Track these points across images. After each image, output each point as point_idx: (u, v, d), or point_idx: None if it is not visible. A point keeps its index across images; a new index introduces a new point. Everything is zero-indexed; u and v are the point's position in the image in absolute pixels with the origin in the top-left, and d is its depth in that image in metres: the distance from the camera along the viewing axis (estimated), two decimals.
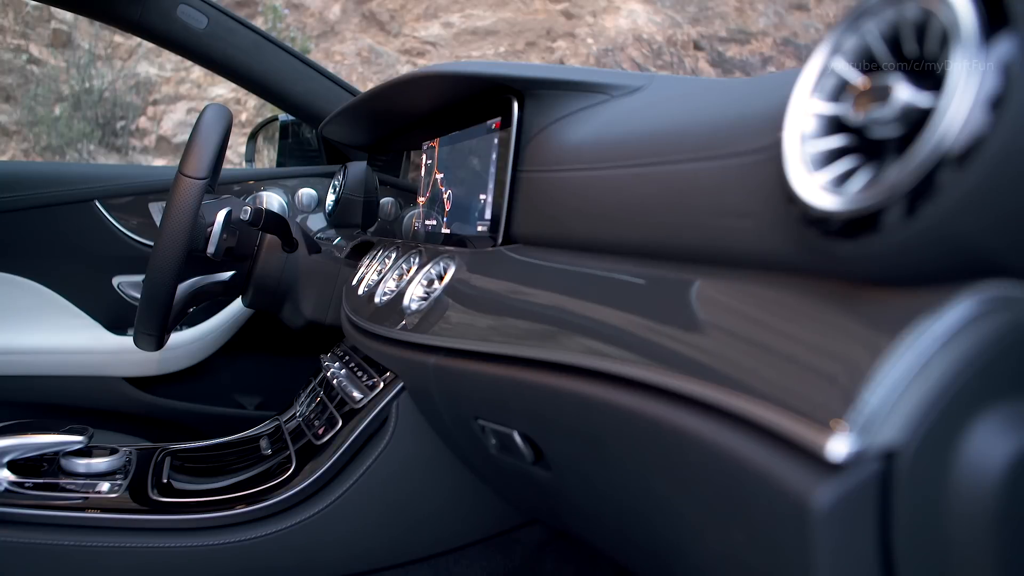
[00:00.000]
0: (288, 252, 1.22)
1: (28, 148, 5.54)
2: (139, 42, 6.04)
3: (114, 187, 1.67)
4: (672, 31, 7.60)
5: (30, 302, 1.66)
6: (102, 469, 0.86)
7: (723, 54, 7.63)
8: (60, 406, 1.65)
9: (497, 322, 0.63)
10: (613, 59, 7.39)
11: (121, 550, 0.79)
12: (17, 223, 1.63)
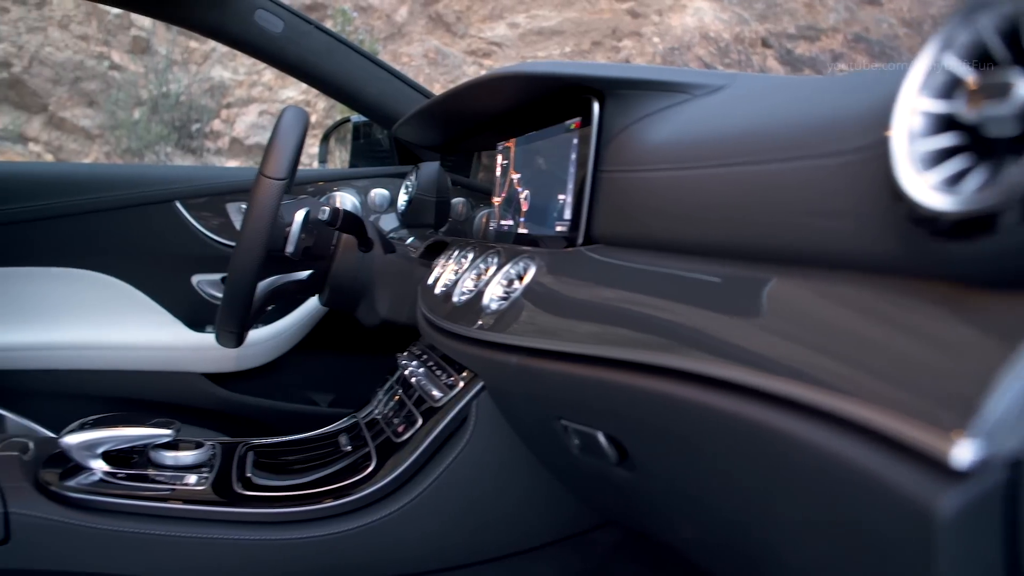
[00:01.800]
0: (364, 252, 1.23)
1: (109, 151, 5.73)
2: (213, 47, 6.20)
3: (194, 188, 1.71)
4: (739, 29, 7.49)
5: (115, 299, 1.71)
6: (189, 462, 0.89)
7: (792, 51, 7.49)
8: (141, 400, 1.71)
9: (581, 322, 0.63)
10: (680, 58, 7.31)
11: (206, 541, 0.81)
12: (103, 223, 1.69)
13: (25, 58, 5.74)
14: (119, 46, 6.01)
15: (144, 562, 0.81)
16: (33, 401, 1.70)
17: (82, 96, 5.84)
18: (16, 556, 0.78)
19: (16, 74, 5.70)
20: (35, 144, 5.66)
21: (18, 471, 0.83)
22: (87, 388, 1.70)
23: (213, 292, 1.73)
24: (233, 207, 1.73)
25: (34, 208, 1.66)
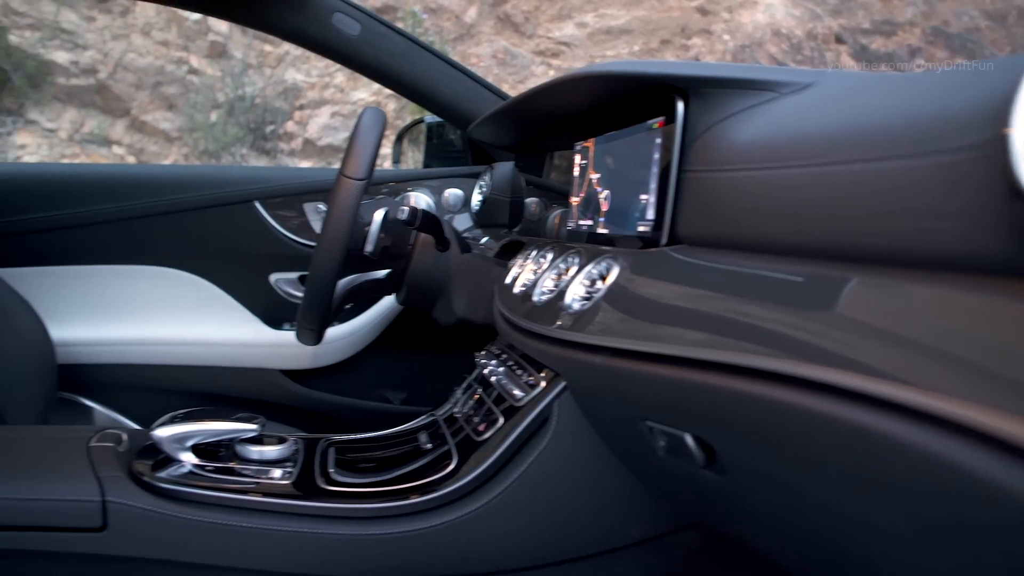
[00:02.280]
0: (441, 251, 1.24)
1: (188, 153, 5.89)
2: (287, 50, 6.32)
3: (272, 188, 1.75)
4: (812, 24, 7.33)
5: (196, 297, 1.76)
6: (273, 456, 0.91)
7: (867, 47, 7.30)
8: (221, 395, 1.75)
9: (668, 323, 0.63)
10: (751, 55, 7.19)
11: (291, 535, 0.82)
12: (186, 222, 1.74)
13: (110, 64, 5.94)
14: (197, 51, 6.17)
15: (231, 553, 0.83)
16: (118, 394, 1.76)
17: (162, 100, 6.02)
18: (112, 543, 0.81)
19: (102, 80, 5.90)
20: (118, 147, 5.85)
21: (114, 461, 0.86)
22: (169, 383, 1.75)
23: (290, 290, 1.77)
24: (310, 207, 1.76)
25: (122, 208, 1.72)
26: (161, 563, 0.82)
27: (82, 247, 1.73)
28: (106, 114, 5.95)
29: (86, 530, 0.80)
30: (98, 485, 0.82)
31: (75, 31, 6.01)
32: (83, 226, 1.72)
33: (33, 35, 5.92)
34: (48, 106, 5.89)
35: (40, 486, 0.81)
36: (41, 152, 5.65)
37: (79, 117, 5.91)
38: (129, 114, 5.95)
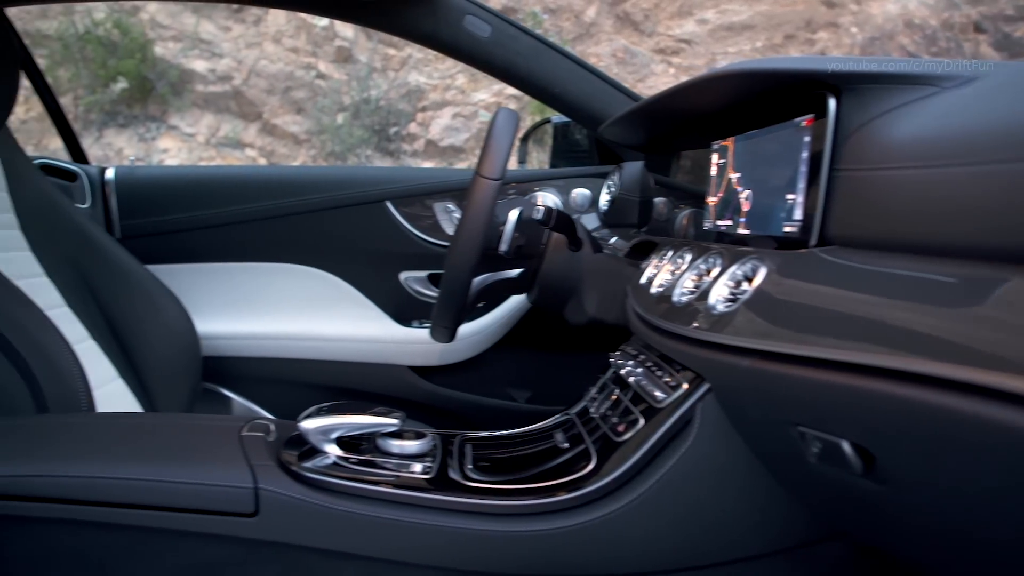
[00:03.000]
0: (574, 251, 1.24)
1: (315, 154, 6.11)
2: (410, 53, 6.46)
3: (403, 188, 1.79)
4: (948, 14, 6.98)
5: (329, 294, 1.82)
6: (413, 451, 0.93)
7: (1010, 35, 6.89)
8: (351, 390, 1.80)
9: (822, 325, 0.61)
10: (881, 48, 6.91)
11: (432, 528, 0.84)
12: (321, 221, 1.80)
13: (244, 71, 6.22)
14: (324, 56, 6.39)
15: (374, 543, 0.85)
16: (256, 385, 1.84)
17: (291, 104, 6.25)
18: (263, 528, 0.84)
19: (236, 86, 6.19)
20: (251, 149, 6.12)
21: (264, 451, 0.90)
22: (303, 376, 1.81)
23: (419, 288, 1.81)
24: (439, 206, 1.79)
25: (263, 208, 1.79)
26: (307, 550, 0.85)
27: (226, 245, 1.82)
28: (240, 118, 6.24)
29: (239, 515, 0.84)
30: (251, 473, 0.85)
31: (213, 41, 6.32)
32: (227, 225, 1.80)
33: (176, 46, 6.26)
34: (188, 112, 6.21)
35: (197, 471, 0.85)
36: (181, 155, 5.97)
37: (215, 122, 6.21)
38: (261, 118, 6.21)
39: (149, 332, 1.54)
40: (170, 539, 0.85)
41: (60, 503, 0.84)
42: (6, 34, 1.42)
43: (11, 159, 1.51)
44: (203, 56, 6.26)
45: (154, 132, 6.10)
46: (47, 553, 0.85)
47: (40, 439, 0.95)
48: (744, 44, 7.03)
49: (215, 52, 6.29)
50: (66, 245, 1.52)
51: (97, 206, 1.83)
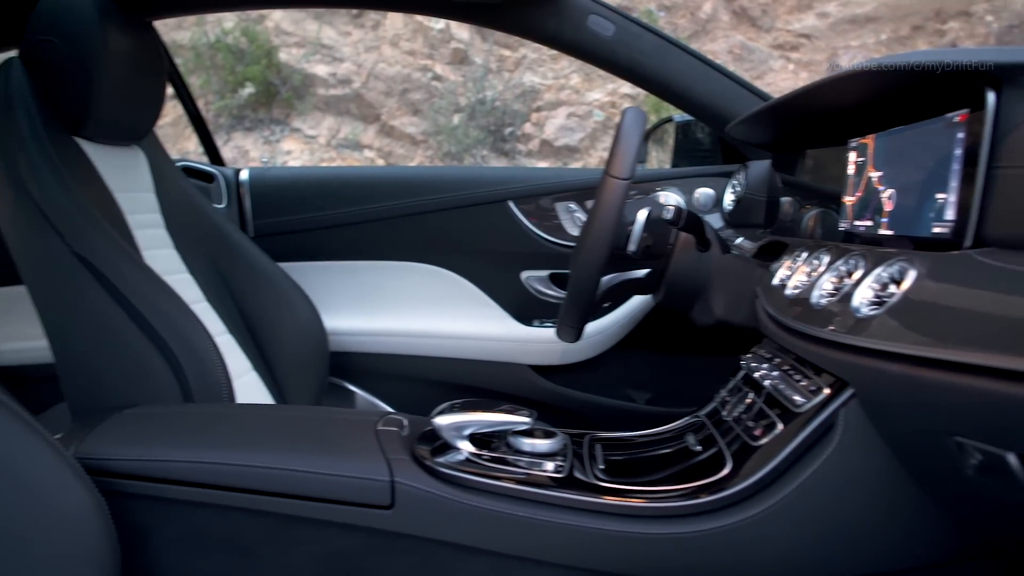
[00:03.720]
0: (702, 251, 1.22)
1: (432, 155, 6.22)
2: (524, 54, 6.50)
3: (525, 188, 1.80)
4: None
5: (452, 292, 1.85)
6: (544, 450, 0.93)
7: None
8: (471, 387, 1.83)
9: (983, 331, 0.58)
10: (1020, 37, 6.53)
11: (564, 527, 0.84)
12: (443, 221, 1.83)
13: (363, 75, 6.39)
14: (440, 58, 6.49)
15: (506, 540, 0.85)
16: (377, 381, 1.88)
17: (408, 106, 6.38)
18: (398, 520, 0.86)
19: (356, 89, 6.36)
20: (369, 150, 6.28)
21: (399, 445, 0.92)
22: (423, 373, 1.85)
23: (541, 288, 1.82)
24: (562, 206, 1.79)
25: (388, 208, 1.84)
26: (440, 543, 0.87)
27: (352, 243, 1.87)
28: (359, 120, 6.40)
29: (376, 507, 0.87)
30: (387, 466, 0.87)
31: (333, 46, 6.51)
32: (354, 224, 1.86)
33: (299, 52, 6.48)
34: (310, 115, 6.42)
35: (337, 463, 0.88)
36: (303, 156, 6.18)
37: (336, 124, 6.40)
38: (379, 120, 6.36)
39: (280, 327, 1.60)
40: (312, 527, 0.88)
41: (211, 489, 0.89)
42: (156, 45, 1.50)
43: (158, 162, 1.59)
44: (324, 61, 6.46)
45: (278, 134, 6.34)
46: (199, 535, 0.90)
47: (192, 427, 1.00)
48: (868, 37, 6.77)
49: (336, 56, 6.48)
50: (205, 243, 1.60)
51: (232, 206, 1.91)
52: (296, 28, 6.55)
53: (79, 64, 1.31)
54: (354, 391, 1.89)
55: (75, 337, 1.26)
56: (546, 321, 1.81)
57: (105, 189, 1.39)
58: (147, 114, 1.52)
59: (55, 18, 1.33)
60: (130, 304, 1.21)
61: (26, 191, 1.24)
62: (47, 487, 0.78)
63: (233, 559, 0.90)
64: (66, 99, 1.33)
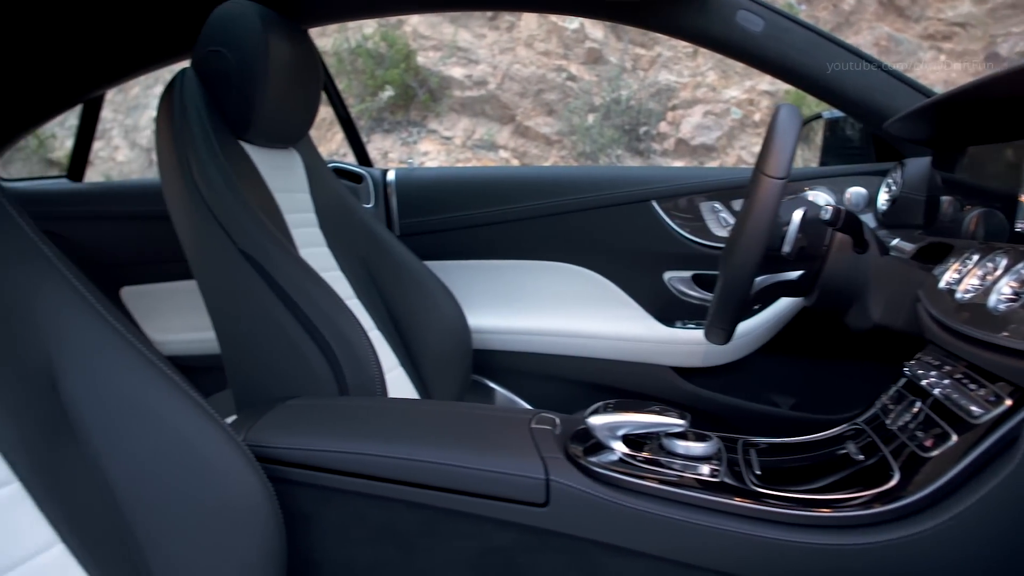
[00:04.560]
0: (859, 253, 1.18)
1: (566, 155, 6.24)
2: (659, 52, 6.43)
3: (669, 188, 1.78)
4: None
5: (594, 292, 1.85)
6: (700, 452, 0.92)
7: None
8: (610, 387, 1.82)
9: None
10: None
11: (721, 532, 0.82)
12: (586, 221, 1.83)
13: (498, 76, 6.47)
14: (575, 58, 6.50)
15: (660, 542, 0.85)
16: (517, 378, 1.91)
17: (543, 106, 6.42)
18: (552, 519, 0.87)
19: (491, 90, 6.45)
20: (504, 151, 6.35)
21: (553, 443, 0.93)
22: (564, 372, 1.85)
23: (683, 289, 1.79)
24: (706, 206, 1.77)
25: (531, 207, 1.86)
26: (593, 543, 0.87)
27: (496, 242, 1.90)
28: (494, 121, 6.49)
29: (531, 504, 0.87)
30: (542, 464, 0.88)
31: (469, 48, 6.63)
32: (498, 223, 1.88)
33: (435, 55, 6.63)
34: (446, 116, 6.56)
35: (493, 459, 0.89)
36: (440, 158, 6.32)
37: (471, 125, 6.51)
38: (514, 120, 6.43)
39: (426, 325, 1.64)
40: (467, 522, 0.89)
41: (371, 480, 0.92)
42: (312, 52, 1.57)
43: (312, 164, 1.66)
44: (460, 63, 6.58)
45: (415, 136, 6.50)
46: (358, 524, 0.93)
47: (352, 419, 1.04)
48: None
49: (471, 59, 6.59)
50: (355, 242, 1.66)
51: (380, 206, 1.97)
52: (433, 32, 6.71)
53: (245, 72, 1.39)
54: (494, 388, 1.92)
55: (241, 330, 1.34)
56: (689, 322, 1.79)
57: (266, 190, 1.47)
58: (304, 118, 1.59)
59: (224, 30, 1.41)
60: (291, 300, 1.27)
61: (198, 192, 1.32)
62: (224, 472, 0.83)
63: (390, 549, 0.93)
64: (233, 105, 1.41)
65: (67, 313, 0.84)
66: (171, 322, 2.08)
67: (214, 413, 0.86)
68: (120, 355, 0.84)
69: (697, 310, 1.80)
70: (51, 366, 0.82)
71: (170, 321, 2.08)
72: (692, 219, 1.78)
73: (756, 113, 6.12)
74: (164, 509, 0.81)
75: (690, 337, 1.74)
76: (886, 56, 6.27)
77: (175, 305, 2.09)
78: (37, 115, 2.05)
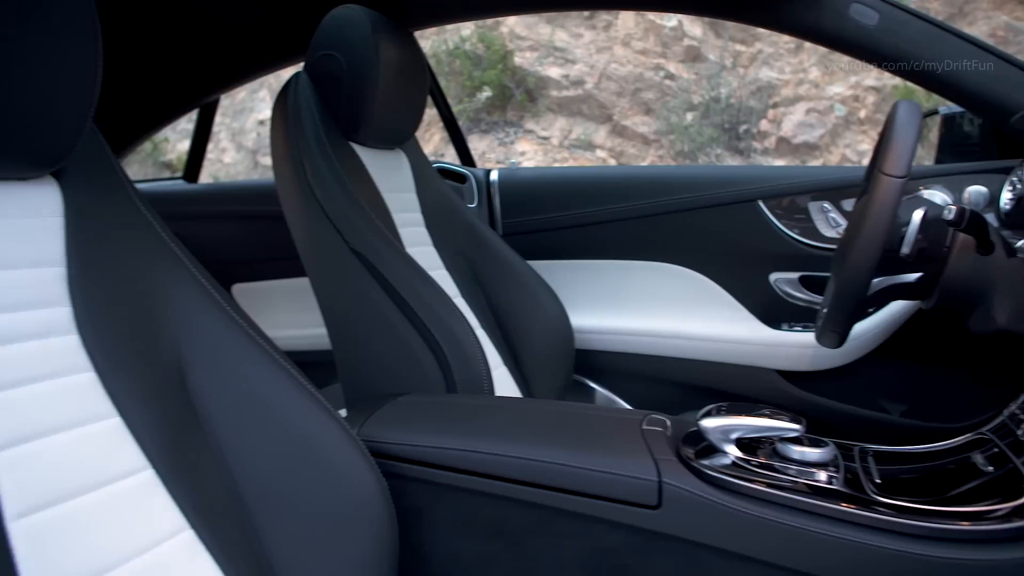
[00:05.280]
0: (983, 255, 1.13)
1: (663, 154, 6.18)
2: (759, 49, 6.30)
3: (776, 187, 1.74)
4: None
5: (697, 293, 1.83)
6: (816, 459, 0.89)
7: None
8: (712, 390, 1.80)
9: None
10: None
11: (840, 542, 0.80)
12: (690, 221, 1.81)
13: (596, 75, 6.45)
14: (673, 56, 6.43)
15: (775, 549, 0.83)
16: (617, 379, 1.90)
17: (640, 105, 6.37)
18: (664, 521, 0.86)
19: (588, 90, 6.44)
20: (600, 150, 6.33)
21: (665, 445, 0.92)
22: (665, 373, 1.84)
23: (790, 291, 1.75)
24: (815, 206, 1.72)
25: (634, 207, 1.85)
26: (705, 547, 0.85)
27: (597, 242, 1.90)
28: (591, 121, 6.48)
29: (643, 506, 0.87)
30: (655, 466, 0.87)
31: (566, 48, 6.63)
32: (600, 223, 1.88)
33: (532, 55, 6.65)
34: (542, 117, 6.58)
35: (605, 460, 0.89)
36: (536, 158, 6.34)
37: (567, 125, 6.51)
38: (611, 120, 6.40)
39: (530, 324, 1.65)
40: (578, 522, 0.90)
41: (482, 477, 0.93)
42: (419, 55, 1.60)
43: (418, 164, 1.69)
44: (557, 63, 6.59)
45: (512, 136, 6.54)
46: (468, 520, 0.95)
47: (462, 416, 1.06)
48: None
49: (568, 58, 6.59)
50: (460, 241, 1.68)
51: (483, 205, 2.00)
52: (530, 32, 6.73)
53: (357, 75, 1.42)
54: (595, 388, 1.92)
55: (352, 327, 1.37)
56: (795, 325, 1.75)
57: (375, 190, 1.50)
58: (412, 119, 1.62)
59: (336, 34, 1.45)
60: (401, 298, 1.30)
61: (311, 192, 1.36)
62: (342, 466, 0.86)
63: (499, 546, 0.94)
64: (345, 107, 1.45)
65: (196, 310, 0.88)
66: (278, 318, 2.15)
67: (332, 410, 0.89)
68: (244, 351, 0.88)
69: (804, 312, 1.75)
70: (181, 361, 0.86)
71: (277, 318, 2.15)
72: (800, 219, 1.74)
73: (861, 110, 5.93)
74: (284, 500, 0.84)
75: (797, 340, 1.70)
76: (1004, 47, 5.99)
77: (282, 302, 2.16)
78: (159, 118, 2.15)
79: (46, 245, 0.80)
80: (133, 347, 0.82)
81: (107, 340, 0.81)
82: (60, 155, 0.80)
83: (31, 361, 0.74)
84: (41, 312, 0.77)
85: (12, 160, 0.76)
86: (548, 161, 6.30)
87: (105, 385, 0.79)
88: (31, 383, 0.73)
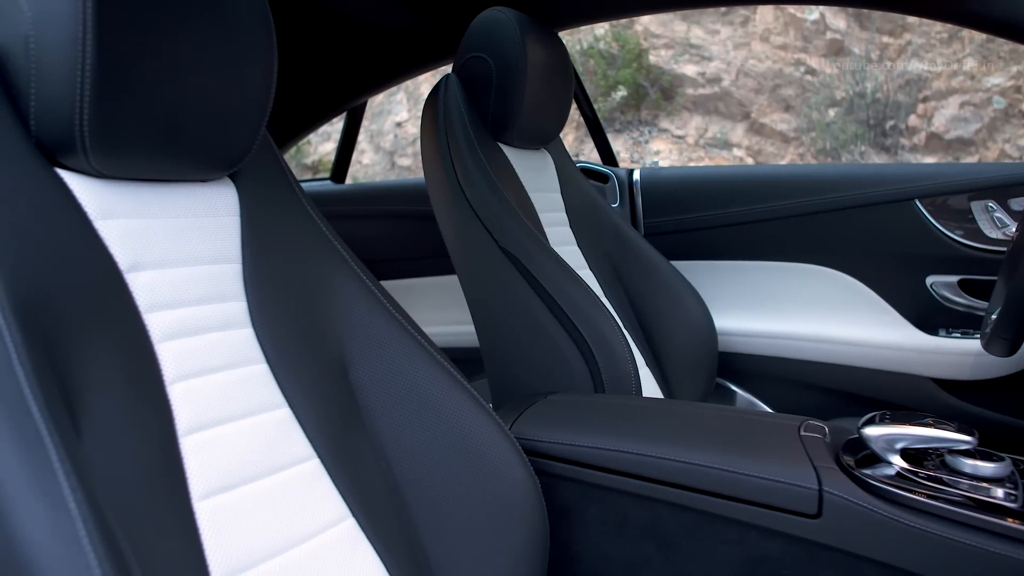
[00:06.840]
0: None
1: (803, 152, 5.98)
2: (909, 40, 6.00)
3: (935, 186, 1.66)
4: None
5: (846, 296, 1.77)
6: (990, 473, 0.84)
7: None
8: (861, 397, 1.73)
9: None
10: None
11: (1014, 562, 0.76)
12: (840, 221, 1.75)
13: (732, 72, 6.31)
14: (815, 51, 6.21)
15: (945, 567, 0.79)
16: (759, 382, 1.86)
17: (779, 102, 6.19)
18: (824, 531, 0.84)
19: (725, 87, 6.30)
20: (737, 149, 6.19)
21: (825, 452, 0.89)
22: (810, 378, 1.78)
23: (948, 295, 1.67)
24: (978, 206, 1.63)
25: (781, 207, 1.80)
26: (867, 560, 0.82)
27: (742, 243, 1.86)
28: (727, 119, 6.34)
29: (802, 515, 0.85)
30: (815, 474, 0.85)
31: (701, 45, 6.51)
32: (744, 224, 1.84)
33: (667, 53, 6.57)
34: (677, 115, 6.49)
35: (763, 466, 0.87)
36: (671, 157, 6.26)
37: (703, 123, 6.39)
38: (748, 118, 6.25)
39: (673, 325, 1.64)
40: (735, 528, 0.88)
41: (634, 478, 0.93)
42: (564, 56, 1.61)
43: (562, 164, 1.71)
44: (693, 60, 6.48)
45: (646, 135, 6.48)
46: (619, 520, 0.95)
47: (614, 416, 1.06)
48: None
49: (704, 56, 6.47)
50: (603, 241, 1.68)
51: (625, 205, 1.99)
52: (664, 30, 6.65)
53: (506, 76, 1.45)
54: (736, 391, 1.88)
55: (501, 324, 1.40)
56: (954, 331, 1.66)
57: (523, 190, 1.52)
58: (558, 119, 1.63)
59: (484, 36, 1.48)
60: (549, 296, 1.31)
61: (461, 192, 1.39)
62: (497, 462, 0.87)
63: (651, 548, 0.94)
64: (494, 108, 1.48)
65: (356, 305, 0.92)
66: (421, 315, 2.21)
67: (487, 406, 0.91)
68: (403, 346, 0.91)
69: (964, 318, 1.66)
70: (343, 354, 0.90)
71: (423, 315, 2.21)
72: (961, 220, 1.65)
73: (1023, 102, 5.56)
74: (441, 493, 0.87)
75: (956, 347, 1.62)
76: None
77: (425, 299, 2.22)
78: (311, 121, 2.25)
79: (225, 243, 0.86)
80: (300, 340, 0.86)
81: (277, 333, 0.85)
82: (239, 157, 0.85)
83: (212, 352, 0.79)
84: (220, 306, 0.82)
85: (197, 163, 0.81)
86: (683, 160, 6.21)
87: (276, 377, 0.84)
88: (212, 373, 0.78)
